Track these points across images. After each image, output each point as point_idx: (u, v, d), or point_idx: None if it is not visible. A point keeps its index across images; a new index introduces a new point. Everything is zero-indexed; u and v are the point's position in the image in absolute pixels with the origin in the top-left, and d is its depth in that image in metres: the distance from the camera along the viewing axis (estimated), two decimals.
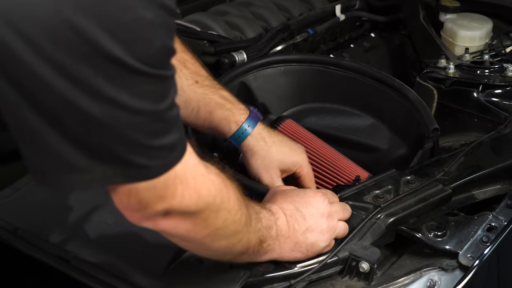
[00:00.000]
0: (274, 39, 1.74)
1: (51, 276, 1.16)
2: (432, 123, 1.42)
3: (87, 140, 0.74)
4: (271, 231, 1.01)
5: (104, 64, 0.70)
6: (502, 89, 1.70)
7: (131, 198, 0.81)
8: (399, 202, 1.18)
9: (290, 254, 1.05)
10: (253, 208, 0.99)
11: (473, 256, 1.11)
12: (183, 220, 0.86)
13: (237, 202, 0.92)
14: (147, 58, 0.73)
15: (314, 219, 1.06)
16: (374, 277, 1.08)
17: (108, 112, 0.72)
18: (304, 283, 1.06)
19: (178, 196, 0.83)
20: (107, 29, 0.69)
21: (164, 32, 0.75)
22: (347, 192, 1.20)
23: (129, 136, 0.75)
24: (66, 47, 0.69)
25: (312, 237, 1.06)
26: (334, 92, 1.61)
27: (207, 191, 0.86)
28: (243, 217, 0.94)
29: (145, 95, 0.74)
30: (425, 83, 1.71)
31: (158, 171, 0.80)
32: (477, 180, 1.30)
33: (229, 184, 0.92)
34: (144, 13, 0.72)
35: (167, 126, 0.79)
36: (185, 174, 0.83)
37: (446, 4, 1.97)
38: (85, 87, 0.71)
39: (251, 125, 1.27)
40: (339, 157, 1.42)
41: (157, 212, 0.83)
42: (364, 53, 2.04)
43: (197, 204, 0.85)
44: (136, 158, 0.77)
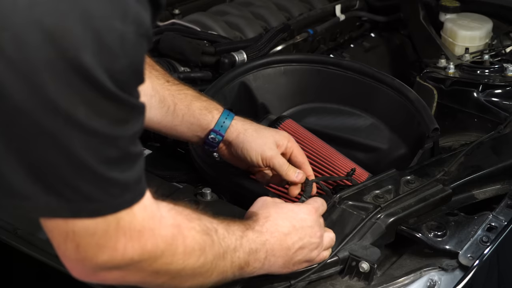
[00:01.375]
0: (274, 39, 1.74)
1: (51, 276, 1.16)
2: (432, 123, 1.42)
3: (35, 159, 0.70)
4: (257, 254, 0.97)
5: (68, 72, 0.68)
6: (502, 89, 1.70)
7: (68, 242, 0.77)
8: (399, 202, 1.18)
9: (278, 270, 1.02)
10: (232, 235, 0.94)
11: (473, 256, 1.11)
12: (130, 272, 0.83)
13: (198, 247, 0.88)
14: (112, 73, 0.70)
15: (308, 238, 1.03)
16: (374, 277, 1.08)
17: (61, 128, 0.69)
18: (304, 283, 1.06)
19: (120, 249, 0.79)
20: (76, 34, 0.67)
21: (134, 51, 0.72)
22: (347, 192, 1.20)
23: (80, 157, 0.71)
24: (29, 48, 0.66)
25: (302, 255, 1.03)
26: (334, 92, 1.61)
27: (153, 246, 0.82)
28: (209, 257, 0.89)
29: (102, 115, 0.71)
30: (425, 83, 1.72)
31: (105, 208, 0.76)
32: (477, 180, 1.30)
33: (190, 231, 0.88)
34: (116, 24, 0.69)
35: (124, 159, 0.76)
36: (130, 227, 0.79)
37: (446, 4, 1.97)
38: (42, 95, 0.68)
39: (230, 114, 1.23)
40: (339, 157, 1.42)
41: (98, 264, 0.79)
42: (364, 53, 2.04)
43: (142, 257, 0.81)
44: (85, 185, 0.73)
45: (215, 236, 0.91)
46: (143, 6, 0.73)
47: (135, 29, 0.71)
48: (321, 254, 1.06)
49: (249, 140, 1.21)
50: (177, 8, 1.96)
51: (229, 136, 1.22)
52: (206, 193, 1.20)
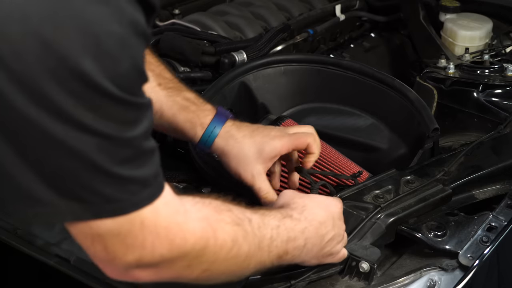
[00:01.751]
0: (274, 39, 1.74)
1: (51, 276, 1.16)
2: (432, 123, 1.42)
3: (50, 167, 0.70)
4: (295, 242, 0.97)
5: (70, 81, 0.67)
6: (502, 89, 1.70)
7: (95, 244, 0.78)
8: (399, 202, 1.18)
9: (310, 260, 1.03)
10: (268, 225, 0.94)
11: (473, 256, 1.11)
12: (163, 269, 0.83)
13: (230, 238, 0.87)
14: (115, 77, 0.70)
15: (337, 229, 1.04)
16: (374, 277, 1.08)
17: (71, 134, 0.69)
18: (304, 283, 1.06)
19: (148, 246, 0.79)
20: (75, 40, 0.67)
21: (134, 52, 0.72)
22: (347, 192, 1.20)
23: (95, 161, 0.71)
24: (30, 59, 0.66)
25: (330, 246, 1.04)
26: (334, 92, 1.61)
27: (182, 240, 0.81)
28: (244, 248, 0.89)
29: (111, 119, 0.71)
30: (425, 83, 1.72)
31: (126, 207, 0.76)
32: (477, 180, 1.30)
33: (220, 222, 0.87)
34: (113, 27, 0.69)
35: (139, 157, 0.75)
36: (155, 224, 0.79)
37: (446, 4, 1.97)
38: (47, 104, 0.67)
39: (218, 126, 1.18)
40: (339, 157, 1.42)
41: (128, 263, 0.79)
42: (364, 53, 2.04)
43: (172, 253, 0.81)
44: (103, 187, 0.73)
45: (248, 226, 0.91)
46: (135, 7, 0.72)
47: (132, 30, 0.71)
48: (342, 251, 1.07)
49: (229, 165, 1.18)
50: (177, 8, 1.96)
51: (214, 151, 1.20)
52: (206, 193, 1.20)
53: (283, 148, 1.19)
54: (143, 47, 0.74)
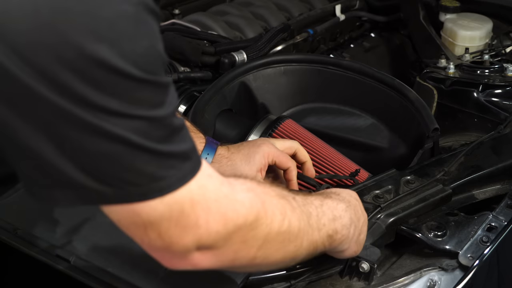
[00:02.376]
0: (274, 39, 1.75)
1: (51, 276, 1.16)
2: (432, 123, 1.42)
3: (89, 155, 0.70)
4: (342, 220, 0.97)
5: (91, 69, 0.67)
6: (502, 89, 1.70)
7: (149, 233, 0.76)
8: (399, 202, 1.18)
9: (353, 246, 1.02)
10: (311, 204, 0.93)
11: (473, 256, 1.11)
12: (221, 249, 0.80)
13: (279, 210, 0.86)
14: (136, 58, 0.69)
15: (365, 215, 1.06)
16: (374, 277, 1.08)
17: (103, 120, 0.68)
18: (304, 283, 1.06)
19: (203, 224, 0.77)
20: (88, 28, 0.66)
21: (149, 30, 0.71)
22: None
23: (133, 143, 0.71)
24: (48, 52, 0.66)
25: (363, 231, 1.05)
26: (334, 92, 1.62)
27: (234, 212, 0.80)
28: (294, 222, 0.87)
29: (137, 102, 0.70)
30: (425, 83, 1.72)
31: (172, 183, 0.74)
32: (477, 180, 1.30)
33: (266, 195, 0.86)
34: (124, 6, 0.68)
35: (172, 133, 0.75)
36: (205, 198, 0.77)
37: (446, 4, 1.97)
38: (72, 95, 0.67)
39: (211, 152, 1.20)
40: (339, 157, 1.42)
41: (186, 247, 0.78)
42: (364, 53, 2.04)
43: (227, 228, 0.79)
44: (145, 166, 0.72)
45: (294, 202, 0.90)
46: None
47: (143, 8, 0.70)
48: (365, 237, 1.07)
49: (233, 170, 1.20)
50: (177, 8, 1.96)
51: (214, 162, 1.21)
52: None
53: (271, 151, 1.21)
54: (156, 25, 0.73)
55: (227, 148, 1.23)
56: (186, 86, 1.57)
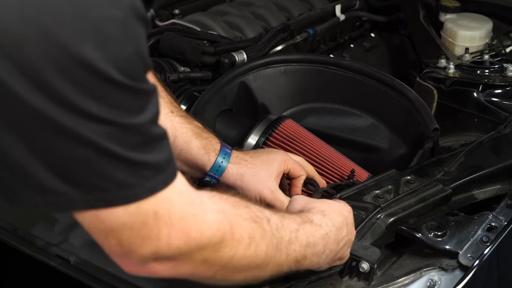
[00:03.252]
0: (274, 39, 1.74)
1: (51, 276, 1.16)
2: (432, 123, 1.42)
3: (60, 157, 0.70)
4: (315, 247, 0.96)
5: (73, 69, 0.66)
6: (502, 89, 1.70)
7: (110, 239, 0.76)
8: (399, 202, 1.18)
9: (324, 266, 1.03)
10: (287, 227, 0.93)
11: (473, 256, 1.11)
12: (180, 263, 0.81)
13: (247, 234, 0.85)
14: (119, 63, 0.68)
15: (350, 235, 1.05)
16: (374, 277, 1.08)
17: (78, 123, 0.68)
18: (304, 283, 1.06)
19: (164, 238, 0.77)
20: (74, 28, 0.66)
21: (136, 36, 0.71)
22: (347, 192, 1.20)
23: (105, 148, 0.70)
24: (31, 49, 0.65)
25: (343, 251, 1.04)
26: (334, 92, 1.61)
27: (198, 232, 0.80)
28: (261, 247, 0.87)
29: (116, 106, 0.70)
30: (425, 83, 1.72)
31: (139, 193, 0.74)
32: (477, 180, 1.30)
33: (237, 217, 0.85)
34: (113, 11, 0.68)
35: (148, 142, 0.74)
36: (170, 214, 0.77)
37: (446, 4, 1.97)
38: (52, 94, 0.66)
39: (227, 154, 1.21)
40: (339, 157, 1.42)
41: (145, 256, 0.78)
42: (364, 53, 2.04)
43: (188, 245, 0.79)
44: (115, 172, 0.72)
45: (267, 225, 0.89)
46: None
47: (132, 14, 0.70)
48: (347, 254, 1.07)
49: (246, 186, 1.20)
50: (177, 8, 1.96)
51: (226, 180, 1.21)
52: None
53: (287, 159, 1.23)
54: (144, 31, 0.72)
55: (245, 153, 1.23)
56: (186, 86, 1.57)
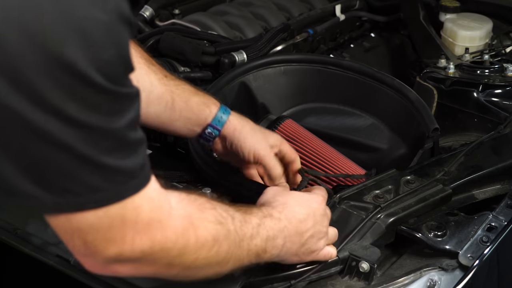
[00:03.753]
0: (274, 39, 1.74)
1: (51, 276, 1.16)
2: (432, 123, 1.42)
3: (32, 159, 0.70)
4: (274, 241, 0.98)
5: (54, 70, 0.66)
6: (502, 89, 1.70)
7: (75, 239, 0.77)
8: (399, 202, 1.18)
9: (290, 258, 1.03)
10: (249, 223, 0.95)
11: (473, 256, 1.11)
12: (143, 265, 0.83)
13: (212, 237, 0.87)
14: (100, 65, 0.68)
15: (318, 226, 1.04)
16: (374, 277, 1.08)
17: (54, 124, 0.68)
18: (304, 283, 1.06)
19: (128, 242, 0.78)
20: (57, 28, 0.66)
21: (120, 40, 0.71)
22: (347, 192, 1.20)
23: (78, 151, 0.70)
24: (11, 48, 0.65)
25: (311, 243, 1.04)
26: (334, 92, 1.61)
27: (163, 237, 0.81)
28: (224, 247, 0.89)
29: (95, 109, 0.70)
30: (425, 83, 1.72)
31: (111, 197, 0.75)
32: (477, 180, 1.30)
33: (203, 221, 0.87)
34: (97, 13, 0.68)
35: (124, 147, 0.75)
36: (137, 219, 0.78)
37: (446, 4, 1.97)
38: (30, 94, 0.66)
39: (226, 109, 1.24)
40: (339, 157, 1.42)
41: (108, 258, 0.79)
42: (364, 53, 2.04)
43: (153, 249, 0.81)
44: (87, 177, 0.72)
45: (231, 225, 0.91)
46: None
47: (117, 17, 0.70)
48: (326, 249, 1.06)
49: (244, 137, 1.23)
50: (177, 8, 1.96)
51: (225, 131, 1.23)
52: (206, 193, 1.20)
53: (284, 142, 1.26)
54: (128, 35, 0.73)
55: (241, 123, 1.25)
56: None
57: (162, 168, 1.36)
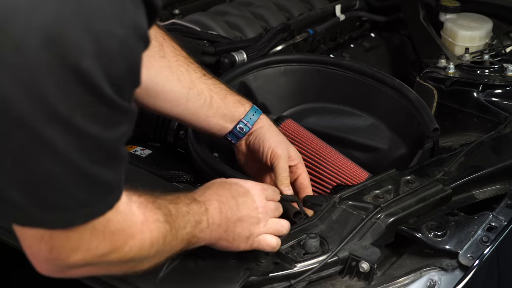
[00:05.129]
0: (274, 39, 1.74)
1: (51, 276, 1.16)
2: (432, 123, 1.42)
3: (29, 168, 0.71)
4: (201, 224, 0.98)
5: (66, 78, 0.68)
6: (502, 89, 1.70)
7: (42, 244, 0.78)
8: (399, 202, 1.18)
9: (217, 242, 1.03)
10: (181, 214, 0.96)
11: (473, 256, 1.11)
12: (97, 267, 0.86)
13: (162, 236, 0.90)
14: (111, 78, 0.70)
15: (247, 210, 1.04)
16: (374, 277, 1.08)
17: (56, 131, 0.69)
18: (304, 283, 1.06)
19: (93, 249, 0.81)
20: (77, 39, 0.67)
21: (133, 55, 0.73)
22: (347, 192, 1.20)
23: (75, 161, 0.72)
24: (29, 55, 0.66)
25: (241, 228, 1.03)
26: (334, 92, 1.61)
27: (123, 242, 0.84)
28: (167, 241, 0.92)
29: (97, 118, 0.72)
30: (425, 83, 1.72)
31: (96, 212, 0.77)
32: (477, 180, 1.30)
33: (156, 222, 0.89)
34: (115, 27, 0.70)
35: (111, 159, 0.77)
36: (104, 230, 0.81)
37: (446, 4, 1.97)
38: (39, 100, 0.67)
39: (258, 110, 1.29)
40: (339, 157, 1.42)
41: (69, 264, 0.81)
42: (364, 53, 2.04)
43: (110, 255, 0.84)
44: (78, 190, 0.74)
45: (171, 220, 0.93)
46: (139, 9, 0.73)
47: (133, 33, 0.72)
48: (263, 236, 1.05)
49: (269, 135, 1.27)
50: (177, 8, 1.96)
51: (254, 127, 1.27)
52: None
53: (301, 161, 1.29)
54: (141, 50, 0.75)
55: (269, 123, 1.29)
56: None
57: (162, 168, 1.36)
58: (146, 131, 1.48)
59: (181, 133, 1.45)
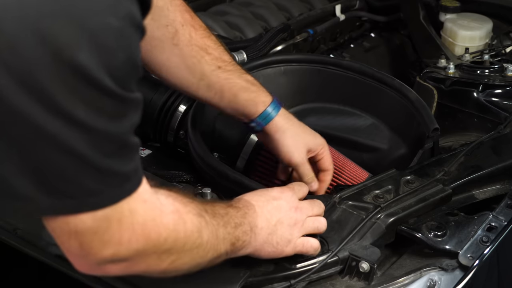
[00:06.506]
0: (274, 39, 1.74)
1: (51, 276, 1.16)
2: (432, 123, 1.42)
3: (35, 161, 0.71)
4: (242, 227, 0.99)
5: (65, 73, 0.68)
6: (502, 89, 1.70)
7: (71, 240, 0.78)
8: (399, 202, 1.18)
9: (262, 247, 1.03)
10: (218, 214, 0.96)
11: (473, 256, 1.11)
12: (135, 263, 0.84)
13: (196, 228, 0.90)
14: (111, 70, 0.70)
15: (284, 211, 1.05)
16: (374, 277, 1.08)
17: (61, 126, 0.69)
18: (304, 283, 1.06)
19: (124, 242, 0.80)
20: (71, 33, 0.67)
21: (130, 45, 0.73)
22: (347, 192, 1.20)
23: (82, 154, 0.72)
24: (25, 52, 0.66)
25: (282, 230, 1.04)
26: (334, 92, 1.61)
27: (156, 234, 0.84)
28: (205, 237, 0.91)
29: (102, 112, 0.72)
30: (425, 83, 1.72)
31: (106, 199, 0.77)
32: (477, 180, 1.30)
33: (188, 214, 0.89)
34: (110, 19, 0.70)
35: (123, 151, 0.77)
36: (132, 220, 0.80)
37: (446, 4, 1.97)
38: (39, 97, 0.68)
39: (276, 107, 1.28)
40: (339, 157, 1.42)
41: (103, 259, 0.81)
42: (364, 53, 2.04)
43: (146, 247, 0.83)
44: (87, 181, 0.74)
45: (207, 216, 0.93)
46: (133, 1, 0.73)
47: (128, 23, 0.72)
48: (306, 239, 1.06)
49: (283, 140, 1.27)
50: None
51: (268, 129, 1.28)
52: (206, 193, 1.20)
53: (325, 148, 1.32)
54: (138, 40, 0.75)
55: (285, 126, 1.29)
56: None
57: (162, 168, 1.36)
58: (146, 131, 1.48)
59: (181, 133, 1.45)
